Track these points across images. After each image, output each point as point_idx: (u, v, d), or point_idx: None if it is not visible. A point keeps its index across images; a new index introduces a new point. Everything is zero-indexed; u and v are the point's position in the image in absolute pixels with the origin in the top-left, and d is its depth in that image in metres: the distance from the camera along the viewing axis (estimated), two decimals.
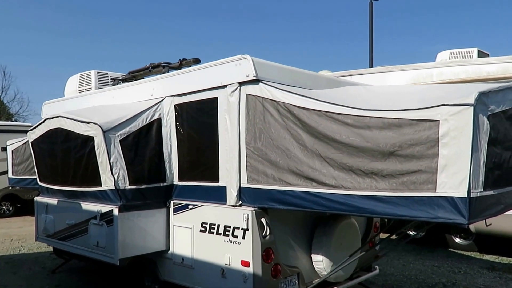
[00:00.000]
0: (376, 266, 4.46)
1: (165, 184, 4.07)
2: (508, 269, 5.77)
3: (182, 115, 4.02)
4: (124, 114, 4.00)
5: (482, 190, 2.59)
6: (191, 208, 3.92)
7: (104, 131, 3.79)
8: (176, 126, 4.07)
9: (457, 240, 6.99)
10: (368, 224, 4.44)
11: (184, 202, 3.98)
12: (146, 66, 4.78)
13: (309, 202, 3.11)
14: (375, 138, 2.82)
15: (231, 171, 3.56)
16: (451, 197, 2.51)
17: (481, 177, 2.58)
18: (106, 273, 5.62)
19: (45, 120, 4.68)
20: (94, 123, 3.87)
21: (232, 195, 3.55)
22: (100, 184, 3.95)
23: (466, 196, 2.45)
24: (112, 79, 5.37)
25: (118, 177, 3.81)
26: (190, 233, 3.90)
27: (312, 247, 3.81)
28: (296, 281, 3.68)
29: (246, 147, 3.49)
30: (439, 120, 2.60)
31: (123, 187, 3.84)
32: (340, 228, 3.82)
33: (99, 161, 3.89)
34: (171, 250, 4.09)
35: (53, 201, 4.83)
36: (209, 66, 3.78)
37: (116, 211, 3.83)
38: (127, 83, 4.73)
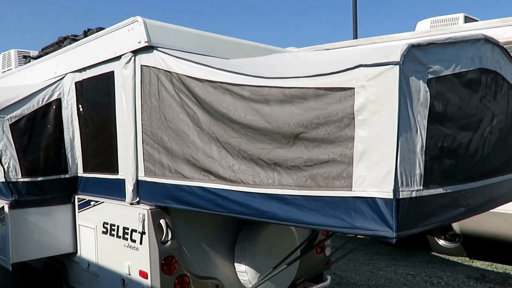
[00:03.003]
0: (328, 276, 3.67)
1: (67, 175, 3.44)
2: (502, 281, 4.65)
3: (83, 94, 3.35)
4: (16, 95, 3.37)
5: (421, 187, 1.81)
6: (93, 205, 3.28)
7: None
8: (78, 107, 3.40)
9: (441, 242, 5.75)
10: None
11: (87, 198, 3.34)
12: (56, 41, 4.12)
13: (205, 201, 2.41)
14: (276, 115, 2.07)
15: (128, 160, 2.88)
16: (372, 198, 1.75)
17: (419, 169, 1.81)
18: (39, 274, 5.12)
19: None
20: None
21: (128, 190, 2.88)
22: None
23: (391, 197, 1.68)
24: (23, 57, 4.73)
25: (8, 168, 3.22)
26: (93, 234, 3.27)
27: (235, 254, 3.11)
28: None
29: (142, 131, 2.80)
30: (354, 88, 1.82)
31: (14, 180, 3.24)
32: (268, 231, 3.09)
33: None
34: (78, 253, 3.48)
35: None
36: (103, 35, 3.09)
37: (6, 208, 3.24)
38: (35, 61, 4.09)
